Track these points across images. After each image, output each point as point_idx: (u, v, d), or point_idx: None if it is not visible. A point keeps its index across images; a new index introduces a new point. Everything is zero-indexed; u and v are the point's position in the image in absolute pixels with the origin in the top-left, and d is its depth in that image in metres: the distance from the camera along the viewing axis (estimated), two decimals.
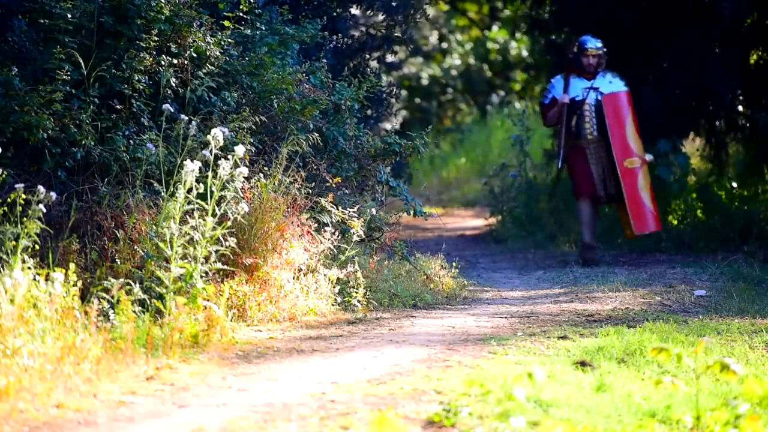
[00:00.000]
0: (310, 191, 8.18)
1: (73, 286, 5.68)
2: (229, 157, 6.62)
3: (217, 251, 6.61)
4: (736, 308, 8.30)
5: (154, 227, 6.74)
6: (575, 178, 10.71)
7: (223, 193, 6.68)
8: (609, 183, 10.56)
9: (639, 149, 10.45)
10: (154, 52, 7.80)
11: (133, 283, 6.38)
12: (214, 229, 6.59)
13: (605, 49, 10.58)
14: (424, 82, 22.35)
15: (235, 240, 6.91)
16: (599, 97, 10.56)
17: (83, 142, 7.33)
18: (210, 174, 6.66)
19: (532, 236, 12.88)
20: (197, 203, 6.63)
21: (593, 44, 10.56)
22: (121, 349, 5.61)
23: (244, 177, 6.78)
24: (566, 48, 10.76)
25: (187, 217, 6.64)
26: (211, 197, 6.62)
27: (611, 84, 10.56)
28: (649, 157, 10.59)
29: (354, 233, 8.20)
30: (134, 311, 6.11)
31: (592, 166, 10.53)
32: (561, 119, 10.53)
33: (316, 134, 8.44)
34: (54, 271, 5.61)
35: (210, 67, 8.08)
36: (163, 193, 6.91)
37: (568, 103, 10.48)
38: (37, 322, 5.37)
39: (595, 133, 10.54)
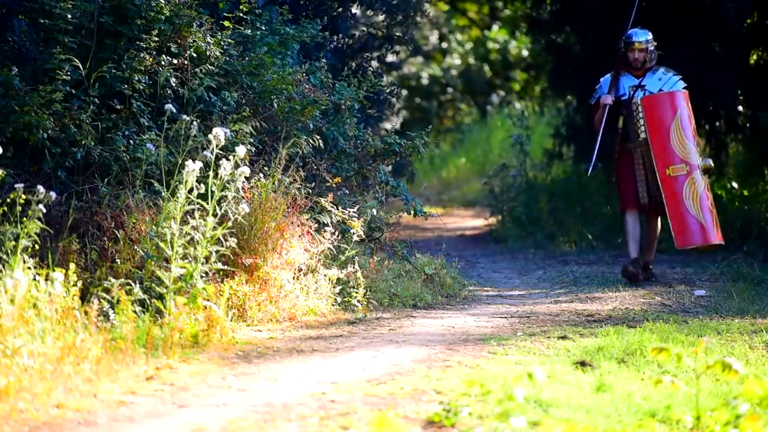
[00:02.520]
0: (310, 191, 8.18)
1: (73, 286, 5.68)
2: (230, 157, 6.62)
3: (217, 251, 6.60)
4: (736, 308, 8.30)
5: (154, 227, 6.74)
6: (620, 188, 9.69)
7: (223, 193, 6.68)
8: (654, 190, 9.42)
9: (687, 155, 9.29)
10: (154, 52, 7.80)
11: (133, 283, 6.38)
12: (214, 229, 6.59)
13: (655, 43, 9.59)
14: (424, 82, 22.36)
15: (236, 240, 6.92)
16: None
17: (83, 142, 7.33)
18: (211, 174, 6.66)
19: (532, 236, 12.88)
20: (198, 203, 6.63)
21: (638, 37, 9.55)
22: (121, 349, 5.61)
23: (245, 177, 6.78)
24: (617, 43, 9.72)
25: (188, 217, 6.64)
26: (211, 197, 6.62)
27: (660, 81, 9.54)
28: (706, 161, 9.37)
29: (354, 233, 8.20)
30: (134, 311, 6.11)
31: (637, 172, 9.47)
32: (602, 120, 9.50)
33: (318, 137, 8.44)
34: (54, 271, 5.61)
35: (210, 67, 8.08)
36: (163, 193, 6.91)
37: (611, 104, 9.47)
38: (37, 322, 5.37)
39: (643, 135, 9.44)
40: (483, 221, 14.59)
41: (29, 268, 5.73)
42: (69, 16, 7.51)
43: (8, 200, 5.97)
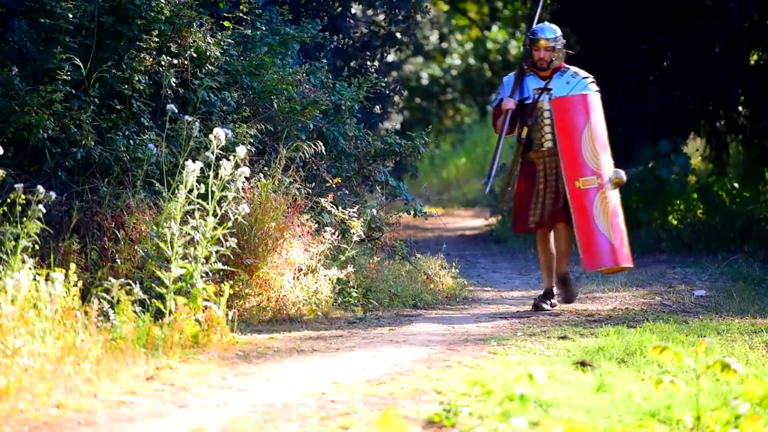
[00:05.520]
0: (310, 191, 8.18)
1: (74, 286, 5.67)
2: (231, 157, 6.63)
3: (217, 251, 6.61)
4: (736, 308, 8.30)
5: (155, 227, 6.75)
6: (515, 205, 8.34)
7: (224, 193, 6.68)
8: (551, 206, 8.14)
9: (598, 166, 7.99)
10: (155, 53, 7.80)
11: (133, 283, 6.38)
12: (214, 229, 6.59)
13: (564, 41, 8.29)
14: (424, 82, 22.37)
15: (236, 240, 6.92)
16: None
17: (83, 142, 7.33)
18: (211, 174, 6.67)
19: (532, 236, 12.85)
20: (198, 203, 6.63)
21: (544, 34, 8.18)
22: (121, 349, 5.61)
23: (245, 177, 6.78)
24: (524, 41, 8.39)
25: (188, 217, 6.64)
26: (212, 197, 6.62)
27: (568, 85, 8.18)
28: (618, 174, 8.03)
29: (354, 233, 8.21)
30: (134, 311, 6.11)
31: (536, 186, 8.16)
32: (503, 128, 8.19)
33: (319, 143, 8.44)
34: (54, 271, 5.61)
35: (210, 67, 8.09)
36: (164, 194, 6.92)
37: (513, 108, 8.16)
38: (38, 322, 5.37)
39: (549, 144, 8.14)
40: (483, 221, 14.60)
41: (30, 268, 5.73)
42: (69, 16, 7.52)
43: (8, 200, 5.97)
